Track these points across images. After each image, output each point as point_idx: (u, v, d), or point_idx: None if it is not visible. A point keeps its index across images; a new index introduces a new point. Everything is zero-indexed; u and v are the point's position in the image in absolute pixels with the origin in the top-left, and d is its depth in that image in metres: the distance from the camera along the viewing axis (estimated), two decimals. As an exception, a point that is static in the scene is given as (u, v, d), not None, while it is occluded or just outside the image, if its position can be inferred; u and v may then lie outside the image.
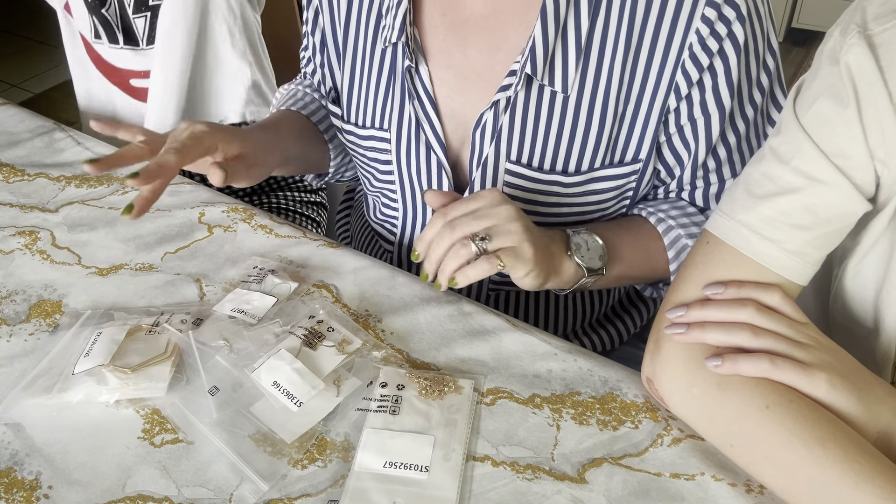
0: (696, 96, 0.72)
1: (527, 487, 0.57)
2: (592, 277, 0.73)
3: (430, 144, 0.80)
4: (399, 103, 0.81)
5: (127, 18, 1.10)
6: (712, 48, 0.69)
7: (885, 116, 0.54)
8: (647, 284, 0.85)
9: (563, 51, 0.71)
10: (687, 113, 0.73)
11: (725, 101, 0.72)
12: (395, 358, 0.69)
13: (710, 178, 0.78)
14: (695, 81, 0.71)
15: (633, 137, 0.75)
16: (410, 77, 0.79)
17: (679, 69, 0.70)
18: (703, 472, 0.58)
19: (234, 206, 0.92)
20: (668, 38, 0.69)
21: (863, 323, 0.64)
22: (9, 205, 0.93)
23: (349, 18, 0.83)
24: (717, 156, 0.76)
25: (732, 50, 0.69)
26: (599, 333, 0.93)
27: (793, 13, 3.04)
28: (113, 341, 0.68)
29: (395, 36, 0.77)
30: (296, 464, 0.59)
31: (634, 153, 0.76)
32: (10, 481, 0.58)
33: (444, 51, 0.78)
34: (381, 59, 0.81)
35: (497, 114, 0.75)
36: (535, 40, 0.70)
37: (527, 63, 0.71)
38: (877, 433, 0.54)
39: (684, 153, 0.76)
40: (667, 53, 0.70)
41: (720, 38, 0.69)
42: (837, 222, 0.58)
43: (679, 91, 0.72)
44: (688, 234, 0.76)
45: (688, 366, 0.60)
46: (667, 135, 0.76)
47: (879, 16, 0.54)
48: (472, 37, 0.76)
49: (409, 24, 0.77)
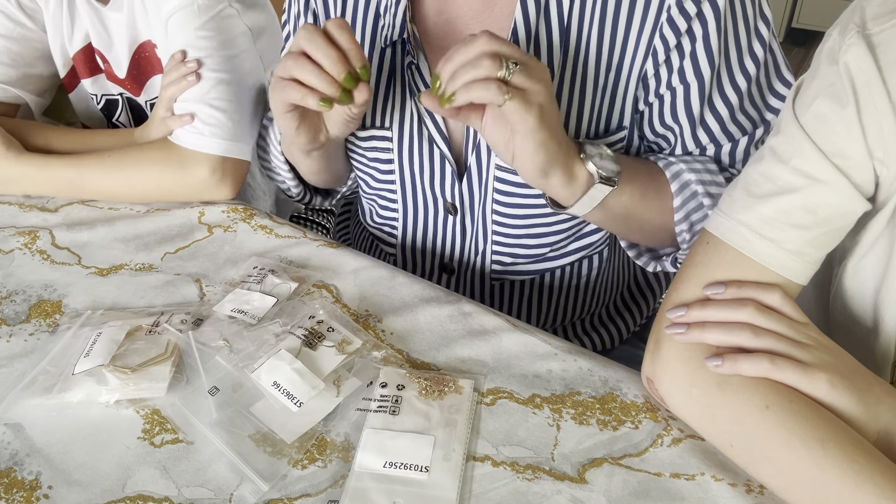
0: (676, 62, 0.71)
1: (527, 487, 0.57)
2: (605, 189, 0.69)
3: (433, 139, 0.80)
4: (400, 101, 0.81)
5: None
6: (690, 11, 0.68)
7: (883, 116, 0.54)
8: (650, 258, 0.82)
9: (548, 29, 0.72)
10: (666, 80, 0.72)
11: (705, 70, 0.71)
12: (395, 358, 0.69)
13: (706, 148, 0.76)
14: (672, 46, 0.70)
15: (616, 106, 0.75)
16: (412, 73, 0.79)
17: (657, 33, 0.70)
18: (703, 472, 0.58)
19: (234, 206, 0.92)
20: (645, 2, 0.69)
21: (863, 322, 0.64)
22: (8, 204, 0.93)
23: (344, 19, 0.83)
24: (707, 128, 0.74)
25: (711, 13, 0.68)
26: (599, 332, 0.93)
27: (793, 13, 3.04)
28: (113, 341, 0.68)
29: (397, 34, 0.77)
30: (296, 464, 0.59)
31: (618, 122, 0.76)
32: (10, 481, 0.58)
33: (442, 47, 0.78)
34: (380, 59, 0.81)
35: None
36: (517, 21, 0.71)
37: None
38: (877, 433, 0.54)
39: (666, 132, 0.76)
40: (644, 18, 0.70)
41: (698, 2, 0.68)
42: (837, 222, 0.58)
43: (657, 55, 0.71)
44: (690, 170, 0.73)
45: (688, 366, 0.60)
46: (647, 104, 0.75)
47: (878, 16, 0.54)
48: (469, 32, 0.76)
49: (410, 22, 0.77)
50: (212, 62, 0.92)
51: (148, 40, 1.02)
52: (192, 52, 0.92)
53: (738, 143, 0.75)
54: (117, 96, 1.11)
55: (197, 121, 0.91)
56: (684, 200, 0.74)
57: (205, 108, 0.91)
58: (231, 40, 0.95)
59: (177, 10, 0.93)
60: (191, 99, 0.92)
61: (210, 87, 0.92)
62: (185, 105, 0.92)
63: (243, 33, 0.96)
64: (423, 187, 0.84)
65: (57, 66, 1.09)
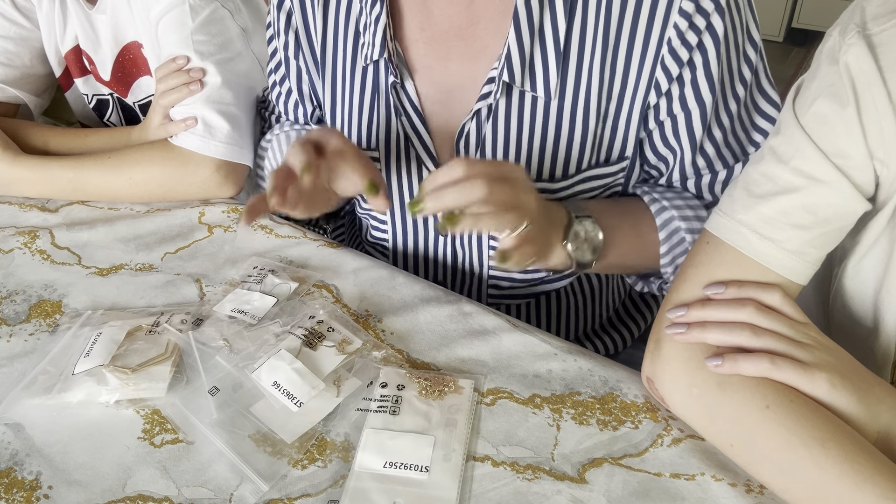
0: (676, 92, 0.71)
1: (527, 487, 0.57)
2: (578, 270, 0.72)
3: (421, 159, 0.79)
4: (385, 120, 0.79)
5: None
6: (691, 42, 0.68)
7: (884, 116, 0.54)
8: (638, 279, 0.84)
9: (543, 54, 0.70)
10: (666, 109, 0.72)
11: (706, 96, 0.71)
12: (395, 358, 0.69)
13: (701, 173, 0.77)
14: (675, 77, 0.70)
15: (618, 136, 0.74)
16: (396, 93, 0.77)
17: (659, 65, 0.70)
18: (703, 472, 0.58)
19: (234, 206, 0.92)
20: (646, 33, 0.69)
21: (863, 322, 0.64)
22: (8, 204, 0.93)
23: (325, 37, 0.81)
24: (704, 153, 0.75)
25: (711, 43, 0.68)
26: (602, 338, 0.93)
27: (793, 13, 3.04)
28: (113, 341, 0.68)
29: (377, 53, 0.75)
30: (296, 464, 0.59)
31: (620, 151, 0.75)
32: (10, 481, 0.58)
33: (425, 66, 0.77)
34: (362, 78, 0.79)
35: (480, 123, 0.74)
36: (510, 47, 0.70)
37: (503, 70, 0.70)
38: (877, 433, 0.54)
39: (667, 152, 0.76)
40: (646, 49, 0.69)
41: (699, 32, 0.68)
42: (837, 222, 0.58)
43: (659, 87, 0.71)
44: (681, 217, 0.74)
45: (688, 366, 0.60)
46: (647, 131, 0.75)
47: (878, 16, 0.54)
48: (452, 49, 0.75)
49: (391, 40, 0.75)
50: (211, 66, 0.92)
51: (133, 41, 1.01)
52: (191, 57, 0.92)
53: (718, 174, 0.76)
54: (107, 96, 1.11)
55: (199, 125, 0.91)
56: (671, 247, 0.75)
57: (206, 113, 0.91)
58: (227, 43, 0.94)
59: (167, 12, 0.92)
60: (191, 103, 0.92)
61: (210, 91, 0.92)
62: (186, 109, 0.92)
63: (238, 35, 0.96)
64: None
65: (52, 65, 1.09)
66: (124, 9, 0.98)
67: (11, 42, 1.03)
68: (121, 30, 1.01)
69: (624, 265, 0.77)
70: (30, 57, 1.06)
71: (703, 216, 0.75)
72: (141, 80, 1.06)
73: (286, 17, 0.83)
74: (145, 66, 1.03)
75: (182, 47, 0.92)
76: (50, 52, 1.07)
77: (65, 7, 1.03)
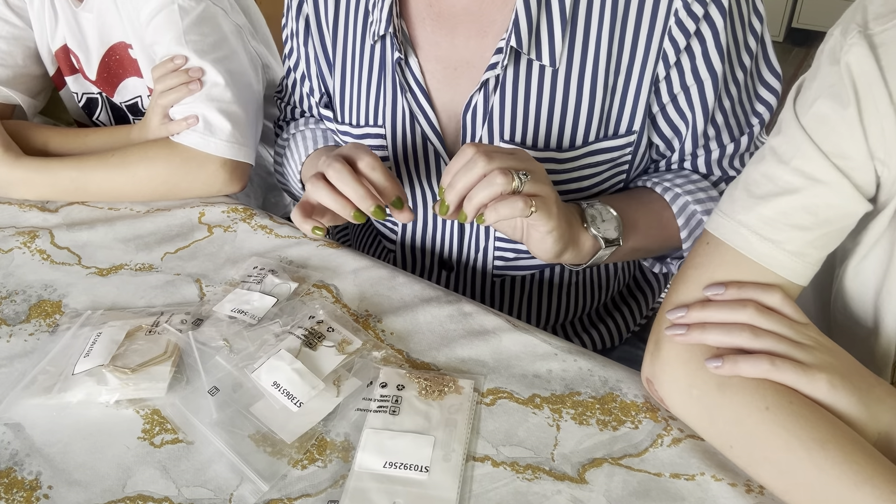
0: (687, 63, 0.72)
1: (527, 487, 0.57)
2: (609, 249, 0.72)
3: (427, 136, 0.80)
4: (391, 97, 0.81)
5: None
6: (697, 13, 0.70)
7: (885, 116, 0.54)
8: (655, 260, 0.84)
9: (549, 22, 0.72)
10: (679, 81, 0.73)
11: (717, 67, 0.72)
12: (395, 358, 0.69)
13: (710, 145, 0.78)
14: (682, 48, 0.71)
15: (626, 108, 0.75)
16: (401, 70, 0.79)
17: (666, 36, 0.71)
18: (703, 472, 0.58)
19: (234, 206, 0.92)
20: (653, 4, 0.70)
21: (863, 323, 0.64)
22: (8, 203, 0.93)
23: (337, 19, 0.83)
24: (715, 123, 0.76)
25: (718, 14, 0.70)
26: (599, 329, 0.93)
27: (793, 13, 3.04)
28: (113, 341, 0.68)
29: (383, 28, 0.77)
30: (296, 464, 0.59)
31: (628, 125, 0.76)
32: (10, 481, 0.58)
33: (432, 42, 0.78)
34: (370, 55, 0.81)
35: (487, 95, 0.75)
36: (518, 13, 0.71)
37: (511, 36, 0.71)
38: (877, 434, 0.54)
39: (681, 124, 0.77)
40: (653, 21, 0.70)
41: (705, 3, 0.69)
42: (838, 223, 0.58)
43: (667, 59, 0.72)
44: (695, 201, 0.75)
45: (688, 367, 0.60)
46: (660, 105, 0.76)
47: (880, 15, 0.54)
48: (459, 25, 0.77)
49: (396, 16, 0.77)
50: (208, 65, 0.92)
51: (120, 42, 1.01)
52: (189, 57, 0.91)
53: (725, 148, 0.78)
54: (97, 95, 1.10)
55: (200, 123, 0.91)
56: (691, 231, 0.76)
57: (206, 112, 0.91)
58: (221, 41, 0.94)
59: (157, 13, 0.91)
60: (191, 102, 0.92)
61: (209, 90, 0.92)
62: (186, 108, 0.92)
63: (232, 32, 0.96)
64: (420, 183, 0.84)
65: (45, 63, 1.09)
66: (111, 9, 0.97)
67: (3, 41, 1.03)
68: (107, 30, 1.00)
69: (647, 247, 0.78)
70: (23, 56, 1.05)
71: (714, 196, 0.77)
72: (127, 81, 1.05)
73: (298, 2, 0.85)
74: (132, 67, 1.03)
75: (177, 47, 0.92)
76: (42, 50, 1.07)
77: (54, 4, 1.02)
